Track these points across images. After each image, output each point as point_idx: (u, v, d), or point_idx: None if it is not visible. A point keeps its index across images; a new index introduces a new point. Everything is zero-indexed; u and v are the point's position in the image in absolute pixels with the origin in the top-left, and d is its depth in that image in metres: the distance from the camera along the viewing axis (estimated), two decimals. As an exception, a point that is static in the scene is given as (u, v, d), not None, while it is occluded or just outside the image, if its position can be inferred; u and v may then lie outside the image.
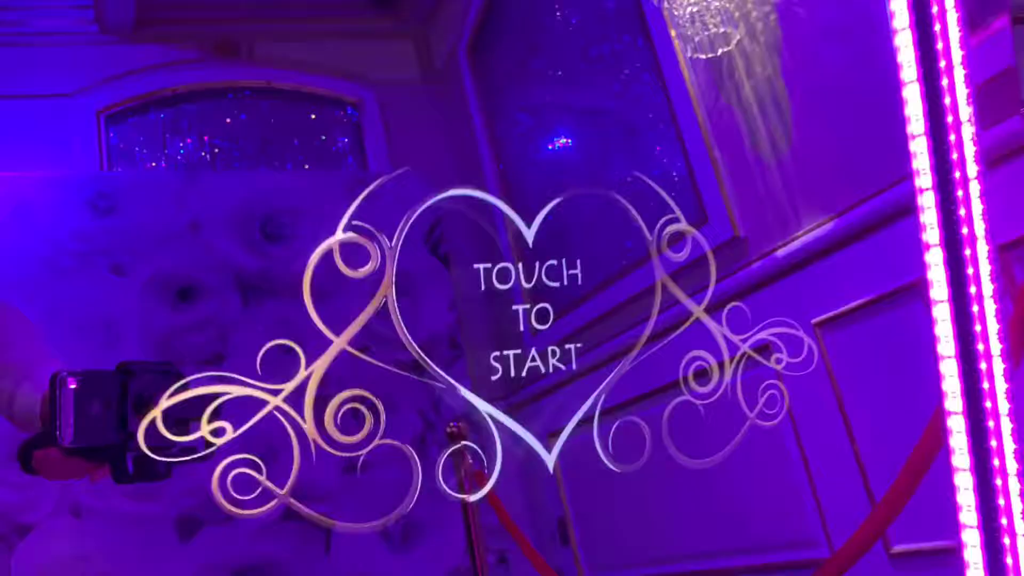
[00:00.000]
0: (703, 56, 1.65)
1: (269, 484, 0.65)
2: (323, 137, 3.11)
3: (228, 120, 3.14)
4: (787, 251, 1.59)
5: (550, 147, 1.89)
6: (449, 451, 1.39)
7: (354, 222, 0.73)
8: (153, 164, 2.96)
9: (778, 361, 0.86)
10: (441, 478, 0.79)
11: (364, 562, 1.81)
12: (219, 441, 0.64)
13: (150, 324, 2.36)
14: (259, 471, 0.65)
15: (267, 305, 2.41)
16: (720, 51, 1.62)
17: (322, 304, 0.87)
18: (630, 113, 1.99)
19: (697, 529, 1.75)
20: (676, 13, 1.61)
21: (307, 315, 0.76)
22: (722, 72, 1.72)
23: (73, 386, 0.78)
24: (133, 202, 2.46)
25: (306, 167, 2.93)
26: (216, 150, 3.03)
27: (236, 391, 0.65)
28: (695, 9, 1.58)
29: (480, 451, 0.87)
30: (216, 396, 0.63)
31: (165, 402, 0.63)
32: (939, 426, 0.69)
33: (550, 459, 0.80)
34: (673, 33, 1.77)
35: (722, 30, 1.59)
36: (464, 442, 1.55)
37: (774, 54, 1.61)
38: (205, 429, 0.63)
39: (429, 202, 0.73)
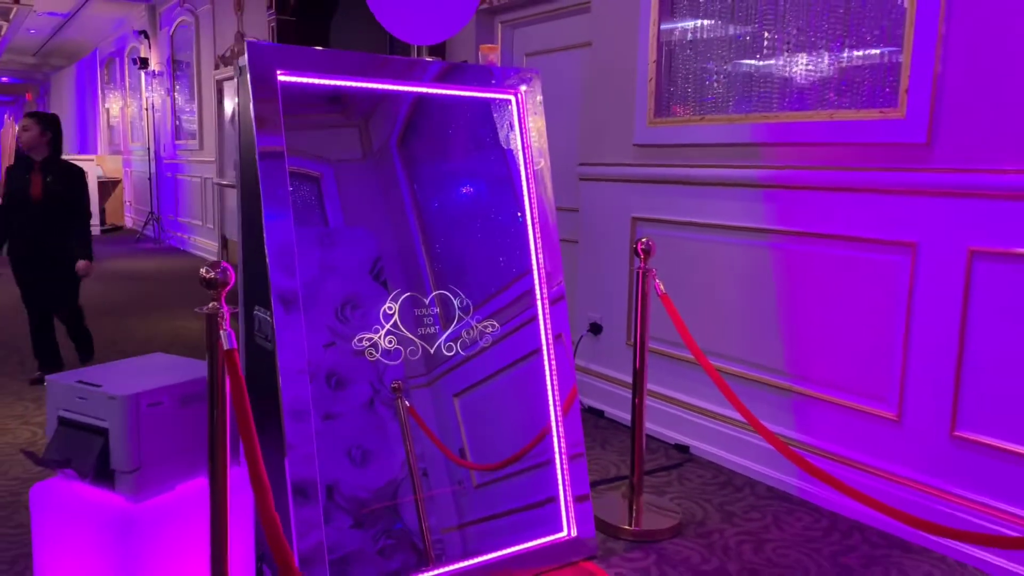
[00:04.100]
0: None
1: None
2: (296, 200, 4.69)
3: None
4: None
5: (449, 206, 2.65)
6: (397, 398, 2.35)
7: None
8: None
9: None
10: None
11: (337, 473, 2.27)
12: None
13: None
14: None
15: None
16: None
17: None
18: (495, 195, 3.62)
19: (516, 435, 3.37)
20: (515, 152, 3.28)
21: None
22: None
23: None
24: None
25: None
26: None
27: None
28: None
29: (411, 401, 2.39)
30: None
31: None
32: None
33: (433, 346, 2.45)
34: (521, 156, 3.43)
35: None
36: (402, 394, 2.30)
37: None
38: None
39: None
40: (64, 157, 4.39)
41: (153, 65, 11.49)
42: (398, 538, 2.31)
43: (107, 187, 13.49)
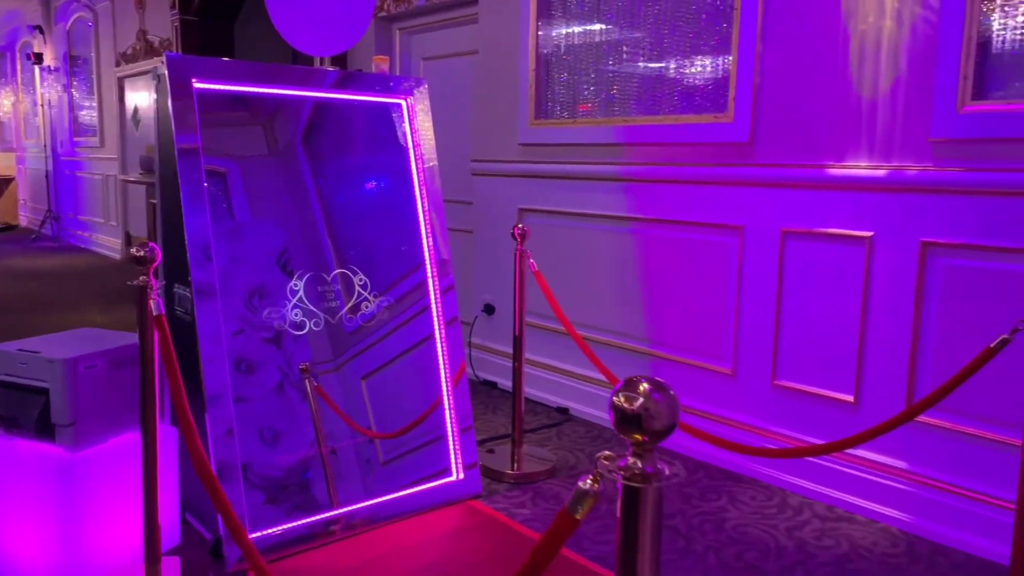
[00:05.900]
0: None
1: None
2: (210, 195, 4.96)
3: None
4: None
5: (353, 198, 2.95)
6: (306, 379, 3.06)
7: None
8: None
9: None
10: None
11: (250, 453, 2.47)
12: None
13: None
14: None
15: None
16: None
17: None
18: (396, 189, 4.01)
19: (415, 409, 3.75)
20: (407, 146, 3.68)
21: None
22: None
23: None
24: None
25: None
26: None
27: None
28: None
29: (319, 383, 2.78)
30: None
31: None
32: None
33: (342, 319, 2.81)
34: (412, 155, 3.82)
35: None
36: (309, 375, 2.60)
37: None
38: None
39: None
40: None
41: (48, 60, 11.26)
42: (308, 511, 2.56)
43: (-1, 185, 13.09)
